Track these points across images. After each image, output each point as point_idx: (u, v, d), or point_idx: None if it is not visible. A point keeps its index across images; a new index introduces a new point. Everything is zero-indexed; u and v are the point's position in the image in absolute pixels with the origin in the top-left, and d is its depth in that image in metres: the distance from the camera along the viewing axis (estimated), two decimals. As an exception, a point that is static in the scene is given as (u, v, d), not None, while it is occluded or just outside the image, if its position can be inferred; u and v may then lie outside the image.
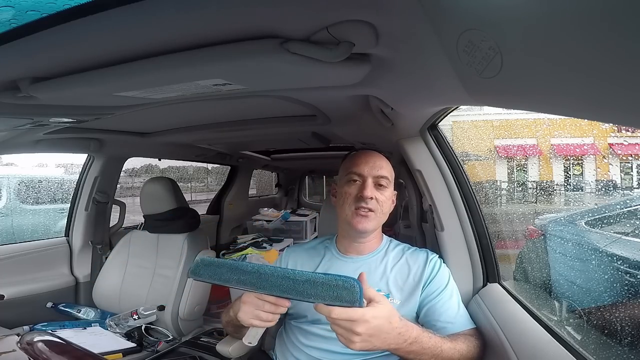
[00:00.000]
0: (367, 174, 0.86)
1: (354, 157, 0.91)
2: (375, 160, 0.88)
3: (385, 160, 0.90)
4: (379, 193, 0.86)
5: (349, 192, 0.87)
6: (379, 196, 0.85)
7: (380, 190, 0.86)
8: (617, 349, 0.80)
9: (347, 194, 0.87)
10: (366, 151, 0.92)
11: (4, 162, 3.63)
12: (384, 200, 0.86)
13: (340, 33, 0.47)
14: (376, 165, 0.87)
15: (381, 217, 0.87)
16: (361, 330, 0.59)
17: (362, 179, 0.86)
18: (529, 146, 2.75)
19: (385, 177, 0.87)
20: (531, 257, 1.43)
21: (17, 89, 0.65)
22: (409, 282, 0.85)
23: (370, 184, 0.85)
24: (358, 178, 0.87)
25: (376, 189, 0.86)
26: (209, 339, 1.42)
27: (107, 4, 0.41)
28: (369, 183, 0.85)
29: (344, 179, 0.89)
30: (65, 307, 1.54)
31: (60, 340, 0.67)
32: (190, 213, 1.65)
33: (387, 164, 0.90)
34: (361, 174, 0.87)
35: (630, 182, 1.67)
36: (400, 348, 0.65)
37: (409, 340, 0.65)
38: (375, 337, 0.61)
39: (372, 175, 0.86)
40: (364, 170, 0.86)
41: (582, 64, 0.28)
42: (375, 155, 0.90)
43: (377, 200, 0.85)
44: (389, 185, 0.89)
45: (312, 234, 3.14)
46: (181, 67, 0.56)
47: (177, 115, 1.14)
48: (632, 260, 0.97)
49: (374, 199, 0.85)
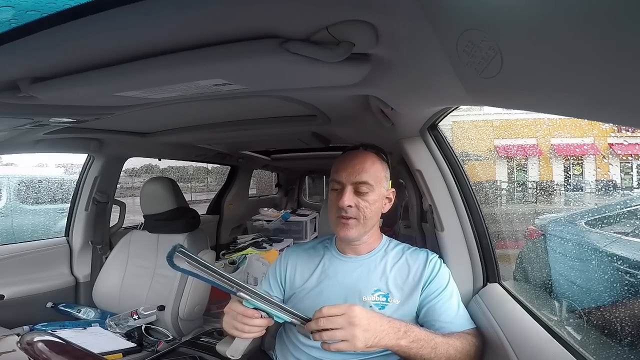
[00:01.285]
0: (345, 181, 0.83)
1: (337, 161, 0.89)
2: (355, 164, 0.84)
3: (369, 161, 0.85)
4: (360, 199, 0.83)
5: (331, 199, 0.86)
6: (359, 202, 0.83)
7: (361, 196, 0.83)
8: (617, 349, 0.80)
9: (330, 202, 0.87)
10: (350, 153, 0.88)
11: (4, 162, 3.64)
12: (365, 205, 0.83)
13: (340, 33, 0.47)
14: (355, 170, 0.83)
15: (365, 222, 0.84)
16: (358, 322, 0.62)
17: (342, 186, 0.84)
18: (529, 146, 2.75)
19: (365, 182, 0.83)
20: (531, 257, 1.43)
21: (17, 89, 0.65)
22: (409, 282, 0.85)
23: (348, 191, 0.82)
24: (338, 185, 0.85)
25: (357, 195, 0.83)
26: (209, 339, 1.42)
27: (107, 4, 0.41)
28: (347, 191, 0.82)
29: (330, 185, 0.89)
30: (65, 307, 1.54)
31: (60, 340, 0.67)
32: (190, 213, 1.65)
33: (372, 165, 0.85)
34: (340, 182, 0.85)
35: (630, 182, 1.67)
36: (399, 341, 0.66)
37: (402, 329, 0.67)
38: (372, 327, 0.64)
39: (350, 182, 0.83)
40: (342, 177, 0.84)
41: (582, 63, 0.28)
42: (357, 157, 0.86)
43: (358, 206, 0.83)
44: (373, 189, 0.84)
45: (312, 234, 3.14)
46: (181, 67, 0.56)
47: (177, 115, 1.14)
48: (632, 260, 0.97)
49: (354, 206, 0.82)
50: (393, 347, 0.66)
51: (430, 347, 0.68)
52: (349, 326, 0.62)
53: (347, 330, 0.62)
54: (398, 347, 0.66)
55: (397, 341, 0.66)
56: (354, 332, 0.62)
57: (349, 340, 0.62)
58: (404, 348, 0.67)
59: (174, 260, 0.62)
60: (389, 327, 0.66)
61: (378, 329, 0.65)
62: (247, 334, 0.69)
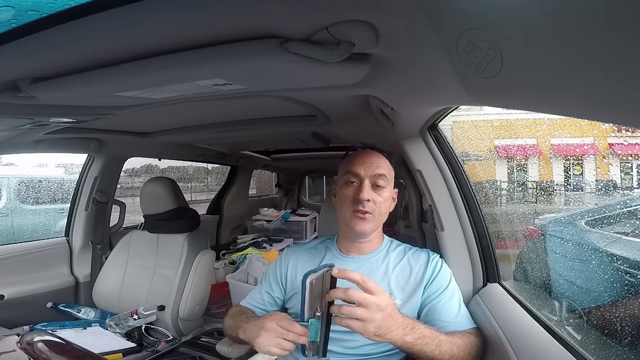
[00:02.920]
0: (364, 174, 0.85)
1: (351, 157, 0.90)
2: (372, 160, 0.87)
3: (383, 159, 0.89)
4: (377, 194, 0.85)
5: (346, 194, 0.86)
6: (376, 197, 0.84)
7: (377, 191, 0.85)
8: (617, 349, 0.80)
9: (345, 196, 0.86)
10: (364, 150, 0.91)
11: (4, 162, 3.64)
12: (381, 201, 0.85)
13: (340, 33, 0.47)
14: (374, 164, 0.86)
15: (379, 218, 0.87)
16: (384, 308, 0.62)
17: (359, 180, 0.85)
18: (529, 146, 2.75)
19: (383, 175, 0.86)
20: (531, 257, 1.43)
21: (17, 89, 0.65)
22: (411, 282, 0.85)
23: (367, 185, 0.84)
24: (355, 179, 0.86)
25: (374, 189, 0.85)
26: (209, 339, 1.42)
27: (107, 4, 0.41)
28: (365, 184, 0.84)
29: (342, 180, 0.88)
30: (65, 307, 1.54)
31: (60, 340, 0.67)
32: (190, 213, 1.65)
33: (386, 162, 0.89)
34: (358, 175, 0.85)
35: (630, 182, 1.67)
36: (405, 337, 0.66)
37: (410, 325, 0.67)
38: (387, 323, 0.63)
39: (369, 175, 0.85)
40: (360, 170, 0.85)
41: (582, 63, 0.28)
42: (373, 154, 0.89)
43: (375, 201, 0.84)
44: (388, 185, 0.87)
45: (312, 234, 3.13)
46: (181, 67, 0.56)
47: (177, 115, 1.14)
48: (632, 260, 0.97)
49: (371, 201, 0.84)
50: (397, 341, 0.66)
51: (434, 344, 0.68)
52: (376, 309, 0.61)
53: (371, 312, 0.61)
54: (402, 342, 0.66)
55: (403, 337, 0.65)
56: (375, 316, 0.61)
57: (365, 322, 0.61)
58: (408, 344, 0.66)
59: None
60: (401, 322, 0.66)
61: (392, 322, 0.64)
62: (286, 352, 0.70)
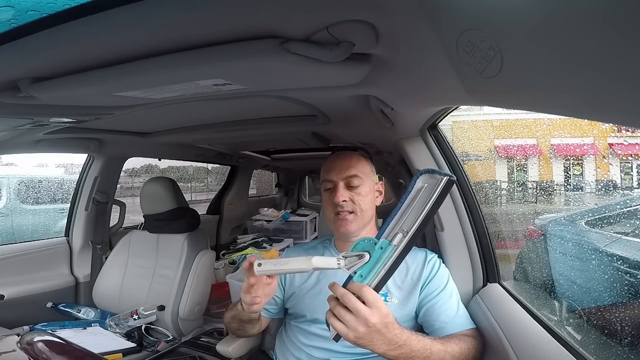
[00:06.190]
0: (336, 178, 0.88)
1: (325, 163, 0.94)
2: (342, 162, 0.90)
3: (355, 158, 0.91)
4: (353, 193, 0.87)
5: (326, 199, 0.91)
6: (353, 196, 0.87)
7: (353, 189, 0.88)
8: (617, 349, 0.80)
9: (325, 202, 0.91)
10: (336, 154, 0.94)
11: (4, 162, 3.64)
12: (360, 198, 0.87)
13: (340, 33, 0.47)
14: (344, 166, 0.89)
15: (363, 214, 0.88)
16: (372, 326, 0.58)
17: (334, 184, 0.89)
18: (529, 146, 2.75)
19: (355, 175, 0.88)
20: (531, 257, 1.43)
21: (17, 89, 0.65)
22: (408, 281, 0.85)
23: (341, 187, 0.87)
24: (330, 184, 0.90)
25: (349, 189, 0.88)
26: (209, 339, 1.43)
27: (107, 4, 0.41)
28: (339, 187, 0.87)
29: (322, 187, 0.93)
30: (65, 307, 1.54)
31: (60, 340, 0.67)
32: (190, 213, 1.65)
33: (359, 160, 0.91)
34: (332, 180, 0.89)
35: (630, 182, 1.67)
36: (389, 352, 0.63)
37: (399, 343, 0.63)
38: (370, 337, 0.59)
39: (341, 178, 0.88)
40: (332, 176, 0.89)
41: (582, 63, 0.28)
42: (343, 156, 0.92)
43: (353, 200, 0.87)
44: (363, 182, 0.89)
45: (312, 234, 3.14)
46: (181, 67, 0.56)
47: (177, 115, 1.14)
48: (632, 260, 0.97)
49: (349, 200, 0.87)
50: (379, 353, 0.63)
51: (422, 357, 0.66)
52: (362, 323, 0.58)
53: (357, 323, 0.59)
54: (383, 354, 0.63)
55: (385, 352, 0.63)
56: (359, 328, 0.58)
57: (348, 328, 0.59)
58: (390, 357, 0.64)
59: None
60: (390, 338, 0.62)
61: (377, 337, 0.61)
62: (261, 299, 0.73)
